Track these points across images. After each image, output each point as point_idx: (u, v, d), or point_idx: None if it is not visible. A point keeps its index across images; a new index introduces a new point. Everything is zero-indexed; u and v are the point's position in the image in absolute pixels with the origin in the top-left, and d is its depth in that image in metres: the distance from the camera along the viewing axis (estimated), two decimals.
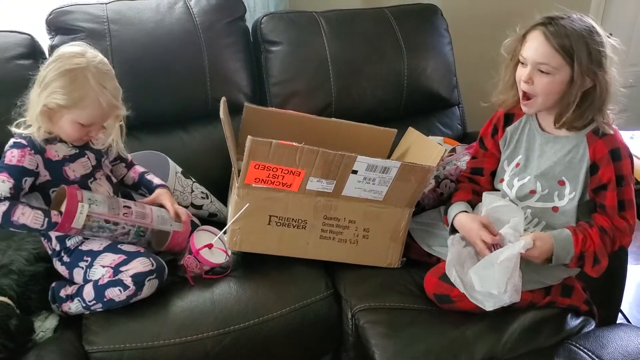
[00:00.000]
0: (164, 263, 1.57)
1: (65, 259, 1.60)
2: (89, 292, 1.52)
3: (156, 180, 1.74)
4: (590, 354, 1.44)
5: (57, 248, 1.60)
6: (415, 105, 2.34)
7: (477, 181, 1.76)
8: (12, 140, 1.51)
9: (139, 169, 1.77)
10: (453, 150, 2.10)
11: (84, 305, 1.53)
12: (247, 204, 1.59)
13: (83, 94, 1.46)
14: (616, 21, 3.14)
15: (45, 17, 1.95)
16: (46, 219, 1.46)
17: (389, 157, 2.05)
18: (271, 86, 2.19)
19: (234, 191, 1.63)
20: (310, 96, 2.18)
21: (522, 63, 1.51)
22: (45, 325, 1.54)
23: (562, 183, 1.57)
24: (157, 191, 1.71)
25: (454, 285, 1.52)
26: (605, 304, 1.64)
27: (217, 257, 1.68)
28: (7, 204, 1.43)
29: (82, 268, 1.57)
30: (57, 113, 1.48)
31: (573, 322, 1.59)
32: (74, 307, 1.55)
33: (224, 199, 2.00)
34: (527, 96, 1.53)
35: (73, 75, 1.46)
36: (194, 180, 1.93)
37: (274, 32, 2.18)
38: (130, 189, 1.77)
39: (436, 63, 2.33)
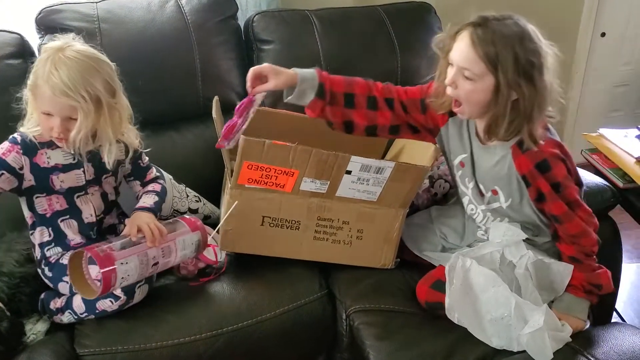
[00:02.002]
0: None
1: (47, 272, 1.55)
2: (79, 305, 1.50)
3: (140, 202, 1.61)
4: (585, 353, 1.43)
5: (39, 257, 1.56)
6: None
7: (399, 99, 1.59)
8: (11, 135, 1.47)
9: (149, 187, 1.66)
10: None
11: (76, 317, 1.52)
12: (236, 202, 1.58)
13: (39, 74, 1.40)
14: (609, 20, 3.15)
15: (34, 16, 1.94)
16: None
17: (383, 157, 2.04)
18: None
19: (227, 192, 1.61)
20: None
21: (451, 64, 1.42)
22: (36, 328, 1.53)
23: (495, 192, 1.54)
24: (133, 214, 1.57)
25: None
26: (599, 303, 1.63)
27: (212, 255, 1.68)
28: None
29: (67, 282, 1.52)
30: (35, 104, 1.43)
31: None
32: (65, 319, 1.54)
33: (216, 200, 1.98)
34: (456, 102, 1.44)
35: (43, 55, 1.42)
36: (185, 185, 1.93)
37: (266, 30, 2.17)
38: None
39: (429, 62, 2.32)
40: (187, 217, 1.61)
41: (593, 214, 1.51)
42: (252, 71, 1.50)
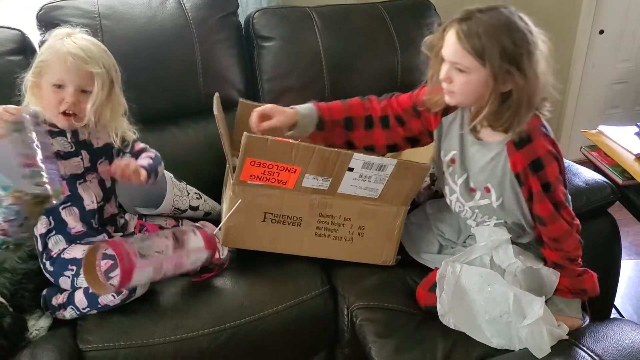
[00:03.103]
0: None
1: (49, 267, 1.56)
2: (80, 299, 1.51)
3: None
4: (585, 349, 1.44)
5: (41, 249, 1.57)
6: None
7: (394, 114, 1.66)
8: None
9: (142, 155, 1.66)
10: None
11: (78, 312, 1.53)
12: (240, 200, 1.58)
13: (51, 50, 1.45)
14: (608, 17, 3.16)
15: (35, 13, 1.93)
16: None
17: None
18: (264, 82, 2.18)
19: (229, 188, 1.62)
20: (304, 92, 2.17)
21: (443, 61, 1.44)
22: (39, 324, 1.53)
23: (487, 190, 1.54)
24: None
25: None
26: (598, 299, 1.64)
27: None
28: None
29: (69, 277, 1.53)
30: (40, 84, 1.47)
31: None
32: (68, 314, 1.54)
33: (217, 196, 1.98)
34: (450, 92, 1.46)
35: (52, 39, 1.48)
36: (185, 182, 1.92)
37: (267, 27, 2.17)
38: None
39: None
40: (206, 230, 1.63)
41: (575, 216, 1.51)
42: (256, 112, 1.57)
